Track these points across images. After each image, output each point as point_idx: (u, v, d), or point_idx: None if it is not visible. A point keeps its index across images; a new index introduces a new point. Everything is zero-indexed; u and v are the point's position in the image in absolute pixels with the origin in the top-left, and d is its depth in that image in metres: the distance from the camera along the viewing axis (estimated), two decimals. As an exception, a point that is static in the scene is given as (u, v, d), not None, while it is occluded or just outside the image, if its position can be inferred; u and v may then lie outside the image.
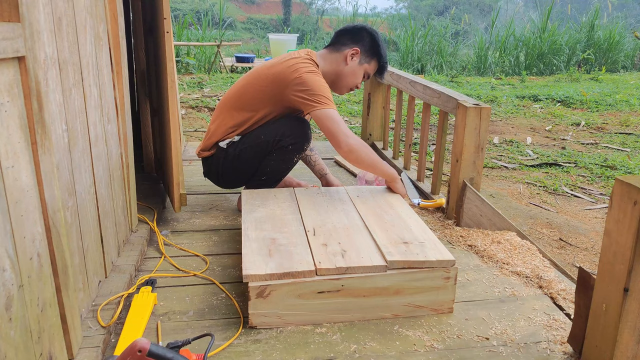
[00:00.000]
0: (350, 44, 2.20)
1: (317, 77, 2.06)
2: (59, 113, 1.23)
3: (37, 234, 1.09)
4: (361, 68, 2.22)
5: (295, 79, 2.02)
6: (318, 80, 2.04)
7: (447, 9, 19.46)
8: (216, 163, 2.23)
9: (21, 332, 1.02)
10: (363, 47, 2.20)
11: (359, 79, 2.25)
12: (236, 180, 2.29)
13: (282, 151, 2.12)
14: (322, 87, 2.03)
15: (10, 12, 0.99)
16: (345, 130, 1.97)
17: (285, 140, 2.10)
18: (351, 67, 2.20)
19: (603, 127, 5.16)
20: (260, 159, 2.16)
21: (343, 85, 2.25)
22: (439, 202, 2.41)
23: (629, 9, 16.53)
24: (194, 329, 1.49)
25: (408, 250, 1.59)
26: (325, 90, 2.03)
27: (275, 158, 2.15)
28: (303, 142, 2.13)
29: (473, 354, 1.42)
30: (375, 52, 2.22)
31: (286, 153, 2.13)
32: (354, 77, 2.23)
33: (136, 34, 2.61)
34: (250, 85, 2.16)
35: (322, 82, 2.06)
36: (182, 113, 5.02)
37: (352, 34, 2.22)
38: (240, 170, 2.21)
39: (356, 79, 2.24)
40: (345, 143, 1.96)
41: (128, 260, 1.78)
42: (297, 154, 2.16)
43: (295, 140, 2.11)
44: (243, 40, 14.79)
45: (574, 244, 2.66)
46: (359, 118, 5.21)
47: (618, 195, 1.19)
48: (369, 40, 2.21)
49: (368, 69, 2.24)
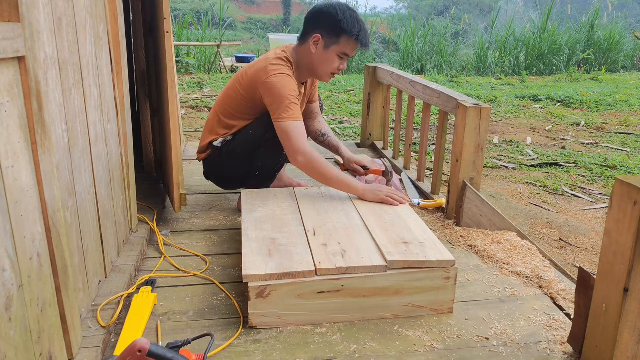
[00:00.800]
0: (312, 31, 2.05)
1: (282, 81, 1.99)
2: (59, 113, 1.23)
3: (37, 234, 1.09)
4: (330, 52, 2.04)
5: (263, 83, 2.02)
6: (282, 87, 1.98)
7: (447, 9, 19.46)
8: (213, 163, 2.27)
9: (21, 332, 1.02)
10: (324, 30, 2.03)
11: (333, 63, 2.07)
12: (233, 178, 2.31)
13: (269, 144, 2.11)
14: (284, 95, 1.97)
15: (10, 12, 0.99)
16: (296, 145, 1.95)
17: (271, 132, 2.07)
18: (318, 55, 2.06)
19: (603, 127, 5.16)
20: (251, 153, 2.16)
21: (319, 74, 2.13)
22: (439, 202, 2.41)
23: (629, 9, 16.54)
24: (194, 329, 1.48)
25: (408, 250, 1.59)
26: (287, 98, 1.97)
27: (264, 152, 2.14)
28: None
29: (473, 354, 1.42)
30: (339, 29, 2.00)
31: (273, 146, 2.10)
32: (325, 64, 2.07)
33: (136, 34, 2.61)
34: (233, 90, 2.17)
35: (287, 85, 1.99)
36: (182, 113, 5.02)
37: (312, 20, 2.08)
38: (235, 167, 2.23)
39: (329, 65, 2.07)
40: (294, 159, 1.98)
41: (128, 260, 1.78)
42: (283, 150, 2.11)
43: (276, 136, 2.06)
44: (243, 40, 14.80)
45: (574, 244, 2.66)
46: (359, 118, 5.21)
47: (618, 195, 1.19)
48: (329, 19, 2.01)
49: (339, 49, 2.04)
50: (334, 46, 2.04)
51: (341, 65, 2.09)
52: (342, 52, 2.05)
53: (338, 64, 2.08)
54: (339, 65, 2.09)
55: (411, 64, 9.62)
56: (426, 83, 2.59)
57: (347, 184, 2.00)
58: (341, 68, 2.11)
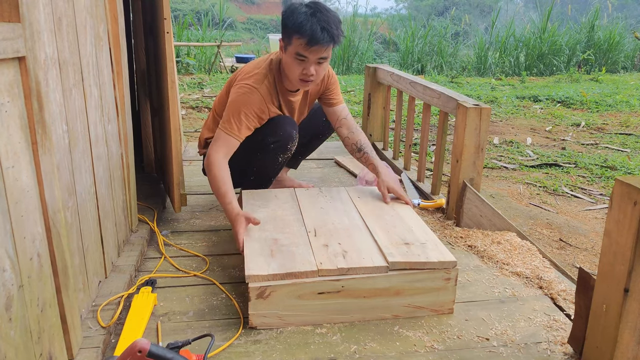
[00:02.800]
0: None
1: (243, 95, 1.98)
2: (59, 113, 1.23)
3: (37, 234, 1.09)
4: (288, 55, 1.92)
5: (235, 85, 2.06)
6: (240, 101, 1.97)
7: (447, 10, 19.46)
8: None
9: (21, 332, 1.02)
10: (282, 33, 1.94)
11: (295, 67, 1.91)
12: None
13: (265, 150, 2.09)
14: (237, 108, 1.96)
15: (10, 12, 0.99)
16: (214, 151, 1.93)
17: (267, 140, 2.07)
18: (284, 60, 1.97)
19: (603, 128, 5.16)
20: (246, 157, 2.15)
21: (290, 80, 2.01)
22: (439, 203, 2.41)
23: (629, 9, 16.54)
24: (194, 330, 1.48)
25: (409, 251, 1.59)
26: (238, 112, 1.96)
27: (260, 157, 2.13)
28: (286, 142, 2.07)
29: (473, 355, 1.42)
30: (289, 29, 1.87)
31: (269, 152, 2.09)
32: (287, 68, 1.96)
33: (136, 34, 2.61)
34: (225, 89, 2.21)
35: (246, 101, 1.97)
36: (183, 113, 5.02)
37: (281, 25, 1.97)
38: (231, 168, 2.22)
39: (291, 70, 1.94)
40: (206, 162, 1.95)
41: (128, 260, 1.78)
42: (281, 154, 2.10)
43: (277, 139, 2.06)
44: (243, 40, 14.80)
45: (574, 245, 2.66)
46: (359, 118, 5.21)
47: (618, 196, 1.19)
48: (282, 22, 1.92)
49: (293, 50, 1.88)
50: (289, 47, 1.91)
51: (305, 69, 1.91)
52: (295, 52, 1.88)
53: (301, 68, 1.91)
54: (303, 70, 1.91)
55: (411, 64, 9.62)
56: (426, 83, 2.59)
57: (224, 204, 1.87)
58: (306, 72, 1.91)
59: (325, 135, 2.49)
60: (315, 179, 2.82)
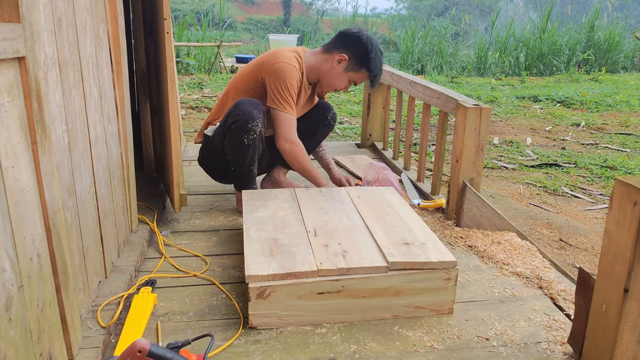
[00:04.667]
0: (341, 49, 2.20)
1: (288, 72, 2.10)
2: (59, 113, 1.23)
3: (37, 235, 1.09)
4: (346, 75, 2.23)
5: (272, 65, 2.12)
6: (287, 77, 2.09)
7: (447, 10, 19.46)
8: (202, 151, 2.35)
9: (21, 332, 1.02)
10: (353, 55, 2.19)
11: (342, 84, 2.26)
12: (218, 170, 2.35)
13: (230, 133, 2.10)
14: (287, 85, 2.09)
15: (10, 13, 0.99)
16: (286, 132, 2.12)
17: (229, 120, 2.09)
18: (335, 71, 2.22)
19: (603, 128, 5.16)
20: (220, 148, 2.18)
21: (325, 84, 2.28)
22: (439, 203, 2.41)
23: (629, 9, 16.54)
24: (194, 330, 1.48)
25: (409, 251, 1.59)
26: (287, 90, 2.10)
27: (228, 142, 2.13)
28: (247, 120, 2.03)
29: (473, 355, 1.42)
30: (364, 63, 2.20)
31: (232, 134, 2.08)
32: (336, 80, 2.25)
33: (136, 34, 2.61)
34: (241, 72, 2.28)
35: (291, 79, 2.11)
36: (182, 113, 5.02)
37: (347, 39, 2.21)
38: (215, 159, 2.27)
39: (338, 84, 2.26)
40: (281, 144, 2.15)
41: (128, 260, 1.78)
42: (244, 134, 2.05)
43: (237, 118, 2.05)
44: (243, 40, 14.79)
45: (574, 245, 2.66)
46: (359, 118, 5.21)
47: (618, 196, 1.19)
48: (362, 49, 2.18)
49: (354, 77, 2.24)
50: (352, 72, 2.22)
51: (346, 88, 2.31)
52: (354, 79, 2.25)
53: (345, 86, 2.29)
54: (345, 87, 2.30)
55: (411, 64, 9.62)
56: (426, 83, 2.59)
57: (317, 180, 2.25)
58: (343, 90, 2.35)
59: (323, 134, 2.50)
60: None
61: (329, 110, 2.46)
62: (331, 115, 2.46)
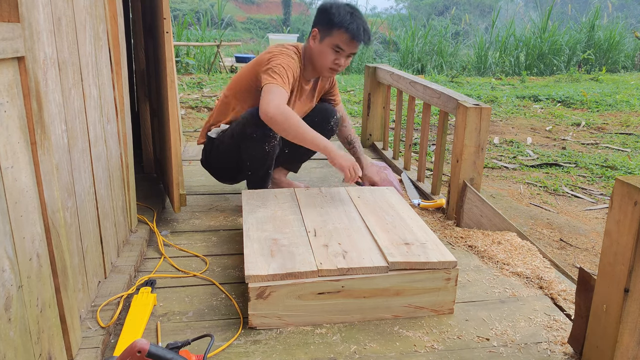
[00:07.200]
0: (312, 27, 2.20)
1: (286, 57, 2.09)
2: (58, 113, 1.23)
3: (37, 235, 1.09)
4: (325, 44, 2.14)
5: (269, 58, 2.11)
6: (284, 59, 2.08)
7: (447, 9, 19.46)
8: (206, 153, 2.34)
9: (20, 332, 1.01)
10: (320, 24, 2.16)
11: (329, 56, 2.14)
12: (224, 172, 2.35)
13: (250, 142, 2.11)
14: (281, 64, 2.05)
15: (10, 13, 0.99)
16: (271, 100, 1.92)
17: (248, 130, 2.09)
18: (315, 48, 2.17)
19: (603, 128, 5.16)
20: (236, 150, 2.18)
21: (318, 68, 2.21)
22: (439, 203, 2.41)
23: (629, 9, 16.54)
24: (194, 330, 1.48)
25: (409, 251, 1.59)
26: (282, 68, 2.04)
27: (246, 149, 2.14)
28: (268, 131, 2.06)
29: (473, 355, 1.42)
30: (332, 22, 2.11)
31: (253, 143, 2.11)
32: (321, 56, 2.16)
33: (136, 34, 2.60)
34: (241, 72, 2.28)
35: (288, 62, 2.08)
36: (182, 113, 5.02)
37: (314, 18, 2.21)
38: (223, 162, 2.28)
39: (325, 58, 2.15)
40: (265, 112, 1.91)
41: (127, 260, 1.77)
42: (266, 143, 2.11)
43: (257, 129, 2.07)
44: (243, 40, 14.80)
45: (575, 245, 2.66)
46: (359, 118, 5.20)
47: (618, 196, 1.18)
48: (324, 15, 2.15)
49: (332, 41, 2.12)
50: (328, 38, 2.13)
51: (337, 59, 2.15)
52: (334, 44, 2.12)
53: (334, 58, 2.15)
54: (335, 59, 2.15)
55: (411, 64, 9.62)
56: (426, 83, 2.59)
57: (322, 146, 1.95)
58: (338, 63, 2.16)
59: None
60: (315, 179, 2.82)
61: (332, 115, 2.40)
62: (334, 120, 2.41)
